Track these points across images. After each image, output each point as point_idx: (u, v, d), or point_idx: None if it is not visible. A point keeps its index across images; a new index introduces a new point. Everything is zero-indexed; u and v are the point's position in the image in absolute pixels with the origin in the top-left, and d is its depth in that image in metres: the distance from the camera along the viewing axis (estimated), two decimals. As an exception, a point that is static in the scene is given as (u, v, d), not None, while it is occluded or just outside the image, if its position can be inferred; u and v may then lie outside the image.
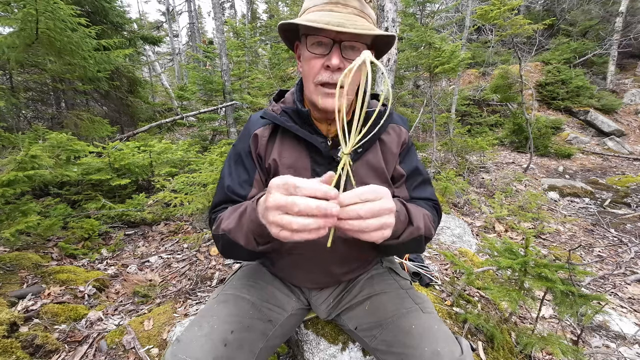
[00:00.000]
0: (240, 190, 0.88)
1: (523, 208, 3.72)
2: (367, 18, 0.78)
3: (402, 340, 0.81)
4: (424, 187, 0.97)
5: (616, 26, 9.39)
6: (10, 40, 2.56)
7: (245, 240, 0.71)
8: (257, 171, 0.90)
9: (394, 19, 3.52)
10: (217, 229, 0.80)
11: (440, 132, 5.82)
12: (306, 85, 0.85)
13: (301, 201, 0.50)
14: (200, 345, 0.75)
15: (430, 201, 0.95)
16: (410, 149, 0.98)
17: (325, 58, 0.77)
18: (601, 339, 1.75)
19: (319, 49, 0.77)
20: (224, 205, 0.89)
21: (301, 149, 0.88)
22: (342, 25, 0.70)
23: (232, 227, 0.74)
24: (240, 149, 0.92)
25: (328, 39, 0.75)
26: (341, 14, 0.74)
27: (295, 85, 0.93)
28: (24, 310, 1.52)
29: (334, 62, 0.75)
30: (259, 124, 0.92)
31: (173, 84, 13.32)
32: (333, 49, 0.75)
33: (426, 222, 0.81)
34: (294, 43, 0.89)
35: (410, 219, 0.75)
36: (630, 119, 8.59)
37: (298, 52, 0.88)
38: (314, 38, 0.76)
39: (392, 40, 0.83)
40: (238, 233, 0.72)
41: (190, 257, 2.32)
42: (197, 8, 18.03)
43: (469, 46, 7.64)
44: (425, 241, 0.81)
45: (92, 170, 2.74)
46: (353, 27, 0.71)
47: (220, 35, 5.41)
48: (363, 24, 0.73)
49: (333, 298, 1.01)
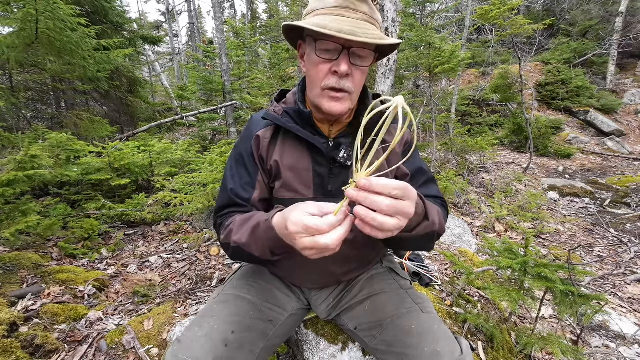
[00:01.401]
0: (244, 194, 0.88)
1: (523, 208, 3.72)
2: (376, 24, 0.79)
3: (402, 340, 0.81)
4: (429, 185, 0.95)
5: (616, 26, 9.39)
6: (10, 40, 2.56)
7: (261, 252, 0.74)
8: (259, 173, 0.90)
9: (394, 18, 3.52)
10: (227, 238, 0.82)
11: (440, 132, 5.82)
12: (311, 88, 0.84)
13: (330, 240, 0.55)
14: (200, 346, 0.75)
15: (438, 199, 0.93)
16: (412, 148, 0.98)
17: (334, 63, 0.77)
18: (601, 339, 1.75)
19: (327, 54, 0.77)
20: (229, 209, 0.89)
21: (302, 150, 0.88)
22: (354, 34, 0.70)
23: (245, 241, 0.76)
24: (242, 150, 0.92)
25: (337, 45, 0.75)
26: (351, 19, 0.74)
27: (297, 86, 0.93)
28: (24, 310, 1.52)
29: (343, 69, 0.75)
30: (260, 125, 0.91)
31: (173, 84, 13.32)
32: (342, 55, 0.75)
33: (440, 219, 0.79)
34: (296, 42, 0.89)
35: (426, 212, 0.72)
36: (630, 119, 8.59)
37: (301, 51, 0.88)
38: (323, 44, 0.76)
39: (396, 48, 0.84)
40: (252, 246, 0.75)
41: (190, 257, 2.32)
42: (197, 8, 18.02)
43: (469, 46, 7.64)
44: (436, 238, 0.80)
45: (92, 170, 2.74)
46: (365, 37, 0.70)
47: (220, 35, 5.41)
48: (373, 33, 0.73)
49: (333, 298, 1.01)
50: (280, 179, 0.89)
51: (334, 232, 0.56)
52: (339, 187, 0.87)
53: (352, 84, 0.79)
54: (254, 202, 0.89)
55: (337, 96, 0.79)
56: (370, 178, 0.52)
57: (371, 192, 0.52)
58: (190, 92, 6.45)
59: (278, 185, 0.89)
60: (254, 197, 0.89)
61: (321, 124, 0.90)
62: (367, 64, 0.80)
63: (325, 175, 0.88)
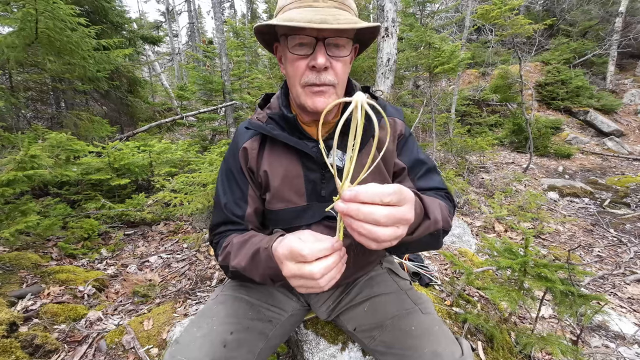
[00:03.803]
0: (237, 210, 0.87)
1: (523, 208, 3.72)
2: (349, 10, 0.74)
3: (402, 341, 0.81)
4: (430, 175, 0.89)
5: (616, 26, 9.39)
6: (10, 39, 2.55)
7: (261, 279, 0.74)
8: (250, 187, 0.88)
9: (394, 19, 3.52)
10: (225, 261, 0.81)
11: (440, 132, 5.81)
12: (292, 88, 0.80)
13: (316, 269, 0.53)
14: (199, 347, 0.75)
15: (440, 190, 0.87)
16: (408, 140, 0.92)
17: (310, 58, 0.72)
18: (600, 339, 1.75)
19: (302, 50, 0.72)
20: (225, 227, 0.88)
21: (292, 156, 0.84)
22: (325, 22, 0.65)
23: (244, 265, 0.75)
24: (232, 166, 0.89)
25: (310, 38, 0.70)
26: (321, 8, 0.69)
27: (280, 89, 0.89)
28: (24, 310, 1.52)
29: (320, 62, 0.70)
30: (246, 135, 0.88)
31: (173, 83, 13.31)
32: (317, 47, 0.71)
33: (443, 213, 0.73)
34: (272, 45, 0.85)
35: (426, 211, 0.65)
36: (629, 119, 8.60)
37: (278, 54, 0.84)
38: (296, 39, 0.71)
39: (376, 31, 0.78)
40: (253, 272, 0.74)
41: (189, 257, 2.32)
42: (197, 8, 18.02)
43: (468, 46, 7.63)
44: (443, 235, 0.73)
45: (91, 170, 2.74)
46: (337, 23, 0.66)
47: (220, 35, 5.41)
48: (346, 18, 0.69)
49: (332, 300, 1.01)
50: (269, 191, 0.86)
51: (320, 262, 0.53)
52: (332, 192, 0.85)
53: (334, 76, 0.74)
54: (249, 218, 0.88)
55: (321, 90, 0.74)
56: (356, 188, 0.45)
57: (361, 202, 0.45)
58: (190, 92, 6.44)
59: (269, 197, 0.87)
60: (248, 212, 0.87)
61: (308, 127, 0.85)
62: (345, 54, 0.75)
63: (317, 181, 0.85)
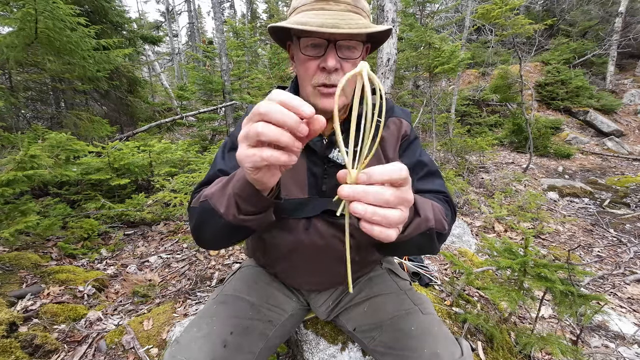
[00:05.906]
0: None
1: (522, 208, 3.72)
2: (362, 13, 0.75)
3: (402, 341, 0.81)
4: (431, 178, 0.88)
5: (615, 26, 9.40)
6: (10, 39, 2.55)
7: (226, 205, 0.63)
8: None
9: (394, 19, 3.52)
10: (197, 200, 0.72)
11: (439, 132, 5.82)
12: (303, 88, 0.82)
13: (261, 126, 0.43)
14: (199, 347, 0.74)
15: (440, 193, 0.85)
16: (412, 142, 0.91)
17: (321, 59, 0.73)
18: (600, 339, 1.75)
19: (313, 51, 0.74)
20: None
21: None
22: (337, 26, 0.66)
23: (214, 191, 0.67)
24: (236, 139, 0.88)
25: (322, 40, 0.72)
26: (334, 11, 0.70)
27: (290, 84, 0.90)
28: (23, 310, 1.52)
29: (330, 64, 0.71)
30: None
31: (173, 83, 13.31)
32: (328, 49, 0.72)
33: (436, 213, 0.69)
34: (286, 42, 0.87)
35: (416, 208, 0.63)
36: (629, 119, 8.60)
37: (291, 52, 0.85)
38: (307, 40, 0.73)
39: (388, 34, 0.80)
40: (221, 198, 0.65)
41: (189, 257, 2.32)
42: (197, 8, 18.02)
43: (468, 46, 7.64)
44: (438, 237, 0.69)
45: (91, 170, 2.74)
46: (348, 27, 0.67)
47: (220, 35, 5.41)
48: (358, 22, 0.70)
49: (332, 300, 1.01)
50: None
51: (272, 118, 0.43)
52: (333, 187, 0.85)
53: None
54: None
55: (330, 92, 0.75)
56: (367, 170, 0.44)
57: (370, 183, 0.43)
58: (190, 92, 6.44)
59: None
60: None
61: None
62: (357, 56, 0.76)
63: (319, 175, 0.85)
